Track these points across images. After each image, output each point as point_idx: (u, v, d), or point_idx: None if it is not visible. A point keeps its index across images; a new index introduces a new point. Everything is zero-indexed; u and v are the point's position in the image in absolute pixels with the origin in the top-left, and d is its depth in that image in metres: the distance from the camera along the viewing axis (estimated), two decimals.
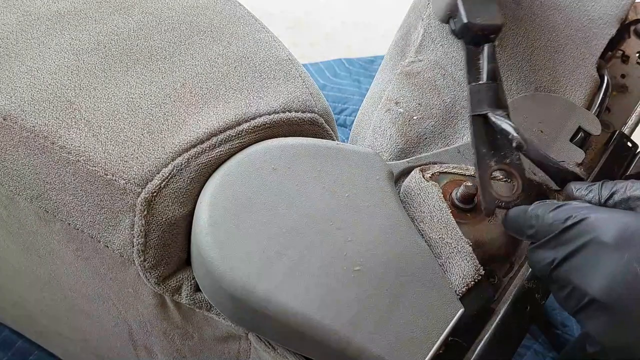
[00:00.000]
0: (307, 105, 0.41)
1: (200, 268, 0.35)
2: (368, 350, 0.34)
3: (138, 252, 0.36)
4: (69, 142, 0.36)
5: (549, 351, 0.71)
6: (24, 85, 0.37)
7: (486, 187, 0.42)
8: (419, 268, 0.37)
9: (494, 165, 0.42)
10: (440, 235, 0.40)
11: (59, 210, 0.38)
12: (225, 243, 0.34)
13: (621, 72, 0.58)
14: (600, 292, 0.32)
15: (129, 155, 0.35)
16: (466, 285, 0.39)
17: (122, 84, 0.38)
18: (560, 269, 0.35)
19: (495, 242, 0.43)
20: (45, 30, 0.40)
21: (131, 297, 0.41)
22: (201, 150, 0.36)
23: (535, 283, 0.42)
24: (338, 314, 0.34)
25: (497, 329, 0.39)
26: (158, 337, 0.44)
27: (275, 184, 0.36)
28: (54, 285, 0.46)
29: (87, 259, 0.40)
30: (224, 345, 0.42)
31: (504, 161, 0.43)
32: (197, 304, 0.39)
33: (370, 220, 0.37)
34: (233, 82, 0.40)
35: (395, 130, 0.48)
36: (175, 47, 0.42)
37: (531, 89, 0.51)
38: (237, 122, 0.38)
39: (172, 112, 0.38)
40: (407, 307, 0.36)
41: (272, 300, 0.33)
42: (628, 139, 0.52)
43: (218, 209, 0.35)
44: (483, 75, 0.44)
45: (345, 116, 0.96)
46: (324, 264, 0.35)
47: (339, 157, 0.39)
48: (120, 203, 0.36)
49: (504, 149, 0.43)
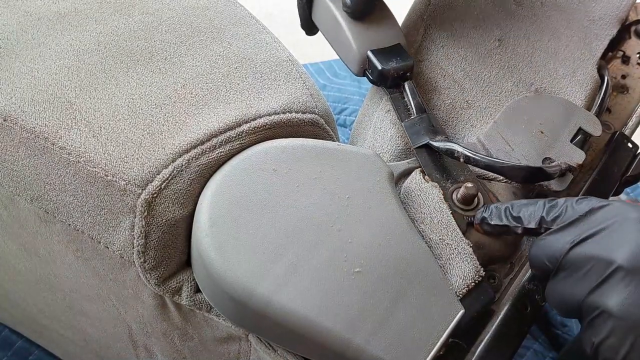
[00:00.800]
0: (308, 106, 0.41)
1: (200, 269, 0.35)
2: (368, 351, 0.34)
3: (138, 253, 0.36)
4: (70, 143, 0.36)
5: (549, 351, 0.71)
6: (24, 86, 0.37)
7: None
8: (420, 269, 0.37)
9: (451, 187, 0.44)
10: (441, 237, 0.40)
11: (59, 211, 0.38)
12: (226, 244, 0.34)
13: (622, 73, 0.58)
14: (627, 259, 0.31)
15: (129, 156, 0.35)
16: (466, 286, 0.39)
17: (123, 85, 0.38)
18: (580, 247, 0.34)
19: (495, 243, 0.43)
20: (46, 30, 0.40)
21: (131, 298, 0.41)
22: (201, 152, 0.36)
23: (536, 284, 0.42)
24: (338, 315, 0.34)
25: (497, 330, 0.39)
26: (158, 338, 0.44)
27: (275, 185, 0.36)
28: (54, 286, 0.46)
29: (87, 259, 0.40)
30: (224, 346, 0.42)
31: (459, 180, 0.44)
32: (197, 305, 0.39)
33: (370, 222, 0.37)
34: (233, 83, 0.40)
35: (396, 131, 0.48)
36: (176, 47, 0.41)
37: (532, 89, 0.51)
38: (237, 123, 0.38)
39: (173, 113, 0.38)
40: (408, 309, 0.36)
41: (272, 301, 0.33)
42: (628, 140, 0.52)
43: (218, 210, 0.35)
44: (412, 110, 0.47)
45: (345, 116, 0.96)
46: (324, 265, 0.35)
47: (339, 158, 0.39)
48: (121, 204, 0.35)
49: (455, 168, 0.45)
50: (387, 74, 0.47)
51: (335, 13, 0.50)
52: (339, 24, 0.49)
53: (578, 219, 0.35)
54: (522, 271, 0.43)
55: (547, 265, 0.36)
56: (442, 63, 0.51)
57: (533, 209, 0.38)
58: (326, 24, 0.52)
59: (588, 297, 0.33)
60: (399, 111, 0.48)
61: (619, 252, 0.32)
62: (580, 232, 0.34)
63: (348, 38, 0.49)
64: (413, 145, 0.45)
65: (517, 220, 0.39)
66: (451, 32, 0.52)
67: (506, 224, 0.39)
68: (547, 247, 0.36)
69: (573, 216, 0.35)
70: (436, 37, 0.52)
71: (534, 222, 0.37)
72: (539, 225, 0.37)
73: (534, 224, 0.37)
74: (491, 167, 0.42)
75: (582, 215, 0.35)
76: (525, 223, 0.38)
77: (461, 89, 0.50)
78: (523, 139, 0.46)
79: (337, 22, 0.50)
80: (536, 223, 0.37)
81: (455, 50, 0.52)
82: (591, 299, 0.33)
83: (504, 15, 0.54)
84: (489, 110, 0.50)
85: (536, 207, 0.38)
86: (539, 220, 0.37)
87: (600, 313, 0.32)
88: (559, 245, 0.35)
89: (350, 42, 0.49)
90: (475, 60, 0.52)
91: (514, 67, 0.52)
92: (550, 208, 0.37)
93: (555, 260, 0.35)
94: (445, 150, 0.44)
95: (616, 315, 0.31)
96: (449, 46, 0.52)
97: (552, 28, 0.54)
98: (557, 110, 0.49)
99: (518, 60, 0.52)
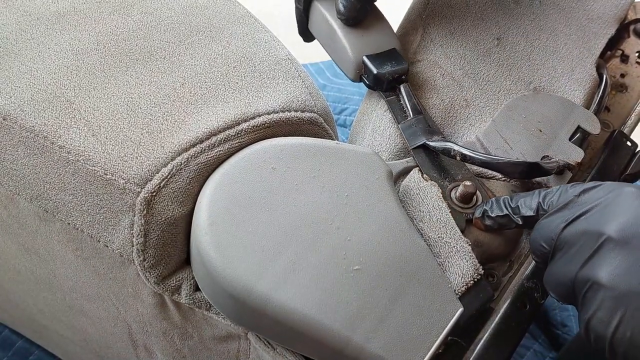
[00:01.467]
0: (307, 105, 0.42)
1: (199, 267, 0.35)
2: (367, 349, 0.34)
3: (137, 251, 0.36)
4: (69, 141, 0.36)
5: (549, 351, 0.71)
6: (23, 85, 0.37)
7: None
8: (418, 267, 0.37)
9: (448, 185, 0.44)
10: (440, 235, 0.40)
11: (58, 210, 0.38)
12: (225, 242, 0.34)
13: (620, 72, 0.58)
14: (616, 230, 0.31)
15: (128, 155, 0.35)
16: (465, 284, 0.39)
17: (122, 84, 0.38)
18: (572, 225, 0.34)
19: (494, 241, 0.43)
20: (45, 30, 0.40)
21: (131, 297, 0.41)
22: (200, 150, 0.36)
23: (535, 282, 0.42)
24: (337, 313, 0.34)
25: (496, 328, 0.39)
26: (158, 336, 0.44)
27: (274, 183, 0.36)
28: (53, 285, 0.46)
29: (87, 258, 0.40)
30: (223, 344, 0.42)
31: (457, 178, 0.44)
32: (197, 303, 0.39)
33: (369, 220, 0.37)
34: (232, 82, 0.40)
35: (394, 130, 0.48)
36: (175, 46, 0.42)
37: (530, 88, 0.51)
38: (236, 121, 0.38)
39: (172, 111, 0.38)
40: (407, 307, 0.36)
41: (271, 299, 0.33)
42: (627, 138, 0.52)
43: (217, 208, 0.35)
44: (409, 112, 0.48)
45: (345, 116, 0.96)
46: (323, 263, 0.35)
47: (338, 157, 0.39)
48: (120, 202, 0.36)
49: (453, 167, 0.45)
50: (383, 78, 0.48)
51: (331, 21, 0.51)
52: (334, 31, 0.50)
53: (572, 200, 0.35)
54: (521, 269, 0.43)
55: (545, 248, 0.36)
56: (441, 62, 0.51)
57: (530, 197, 0.39)
58: (322, 31, 0.53)
59: (579, 272, 0.32)
60: (395, 114, 0.48)
61: (610, 224, 0.32)
62: (574, 211, 0.34)
63: (343, 44, 0.50)
64: (410, 146, 0.46)
65: (515, 210, 0.40)
66: (450, 31, 0.52)
67: (507, 214, 0.40)
68: (542, 229, 0.36)
69: (567, 199, 0.36)
70: (435, 36, 0.52)
71: (532, 209, 0.38)
72: (536, 212, 0.38)
73: (531, 212, 0.38)
74: (488, 164, 0.43)
75: (576, 196, 0.35)
76: (523, 211, 0.39)
77: (460, 88, 0.50)
78: (521, 137, 0.47)
79: (333, 29, 0.51)
80: (533, 210, 0.38)
81: (454, 49, 0.52)
82: (582, 273, 0.32)
83: (503, 13, 0.54)
84: (487, 108, 0.50)
85: (532, 196, 0.39)
86: (536, 207, 0.38)
87: (590, 286, 0.31)
88: (552, 226, 0.35)
89: (346, 48, 0.50)
90: (474, 59, 0.52)
91: (512, 65, 0.52)
92: (546, 195, 0.38)
93: (551, 241, 0.35)
94: (442, 149, 0.44)
95: (605, 286, 0.30)
96: (448, 45, 0.52)
97: (551, 26, 0.54)
98: (556, 108, 0.49)
99: (517, 58, 0.52)
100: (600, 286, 0.31)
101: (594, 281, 0.31)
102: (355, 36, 0.50)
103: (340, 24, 0.50)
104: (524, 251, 0.44)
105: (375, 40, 0.50)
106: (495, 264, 0.44)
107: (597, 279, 0.31)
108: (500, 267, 0.44)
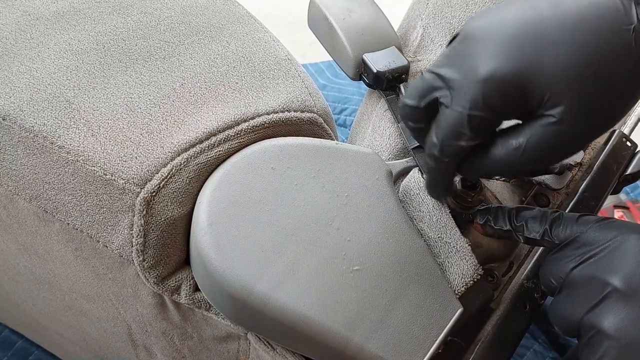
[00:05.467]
0: (306, 105, 0.41)
1: (199, 267, 0.35)
2: (367, 349, 0.34)
3: (137, 251, 0.36)
4: (68, 142, 0.36)
5: (549, 351, 0.71)
6: (23, 85, 0.37)
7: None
8: (418, 267, 0.37)
9: None
10: (439, 235, 0.40)
11: (58, 210, 0.38)
12: (224, 243, 0.34)
13: None
14: (622, 281, 0.32)
15: (127, 155, 0.35)
16: (465, 284, 0.39)
17: (121, 84, 0.38)
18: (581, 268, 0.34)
19: (494, 242, 0.43)
20: (44, 30, 0.40)
21: (130, 297, 0.41)
22: (200, 150, 0.36)
23: (535, 282, 0.42)
24: (337, 313, 0.34)
25: (496, 328, 0.39)
26: (157, 337, 0.44)
27: (274, 183, 0.36)
28: (53, 285, 0.46)
29: (86, 258, 0.40)
30: (223, 345, 0.42)
31: None
32: (196, 303, 0.39)
33: (369, 220, 0.37)
34: (232, 82, 0.40)
35: (394, 130, 0.48)
36: (174, 47, 0.42)
37: None
38: (236, 122, 0.38)
39: (171, 112, 0.38)
40: (406, 307, 0.36)
41: (270, 299, 0.33)
42: (627, 139, 0.52)
43: (217, 208, 0.35)
44: None
45: (345, 116, 0.96)
46: (323, 263, 0.35)
47: (338, 157, 0.39)
48: (120, 203, 0.36)
49: None
50: (383, 76, 0.48)
51: (330, 18, 0.50)
52: (334, 29, 0.50)
53: (579, 237, 0.35)
54: (520, 269, 0.43)
55: (554, 284, 0.36)
56: None
57: (537, 220, 0.38)
58: (321, 29, 0.52)
59: (585, 316, 0.33)
60: (395, 113, 0.48)
61: (616, 275, 0.33)
62: (582, 252, 0.35)
63: (343, 43, 0.50)
64: (410, 146, 0.46)
65: (519, 228, 0.39)
66: (450, 31, 0.52)
67: (510, 230, 0.39)
68: (552, 266, 0.36)
69: (574, 233, 0.36)
70: (435, 36, 0.52)
71: (537, 233, 0.37)
72: (541, 237, 0.37)
73: (537, 236, 0.37)
74: None
75: (585, 233, 0.35)
76: (528, 233, 0.38)
77: None
78: None
79: (332, 27, 0.50)
80: (539, 235, 0.37)
81: None
82: (588, 318, 0.33)
83: None
84: None
85: (540, 219, 0.38)
86: (542, 233, 0.37)
87: (596, 333, 0.33)
88: (562, 265, 0.36)
89: (346, 46, 0.50)
90: None
91: None
92: (553, 222, 0.37)
93: (560, 279, 0.36)
94: None
95: (611, 336, 0.32)
96: None
97: None
98: None
99: None
100: (606, 335, 0.32)
101: (600, 329, 0.32)
102: (355, 34, 0.50)
103: (340, 22, 0.50)
104: (523, 251, 0.44)
105: (376, 38, 0.50)
106: (495, 264, 0.44)
107: (602, 328, 0.32)
108: (500, 267, 0.44)
